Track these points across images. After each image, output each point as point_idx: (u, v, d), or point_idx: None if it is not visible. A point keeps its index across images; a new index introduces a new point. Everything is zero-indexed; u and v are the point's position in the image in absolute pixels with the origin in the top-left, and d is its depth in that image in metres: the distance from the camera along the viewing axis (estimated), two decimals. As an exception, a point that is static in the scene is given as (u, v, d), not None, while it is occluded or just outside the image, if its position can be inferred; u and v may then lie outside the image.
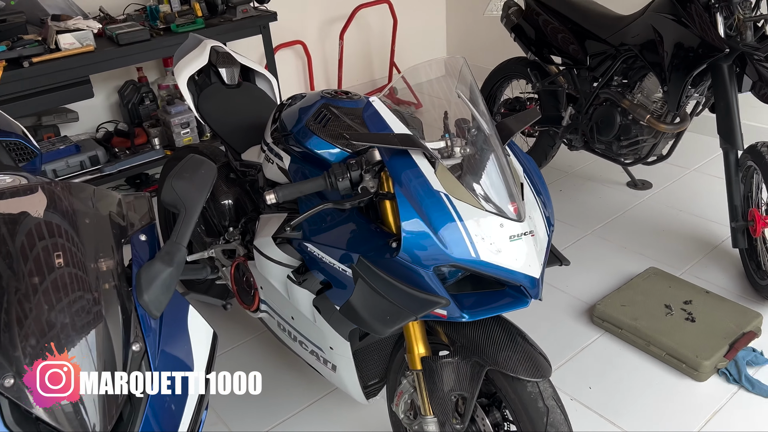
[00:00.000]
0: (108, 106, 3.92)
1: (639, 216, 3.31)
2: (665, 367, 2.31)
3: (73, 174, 3.37)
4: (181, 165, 1.26)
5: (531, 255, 1.42)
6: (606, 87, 3.02)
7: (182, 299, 1.20)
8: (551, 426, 1.45)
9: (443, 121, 1.60)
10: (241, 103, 2.37)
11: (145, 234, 1.23)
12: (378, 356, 1.94)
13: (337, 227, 1.60)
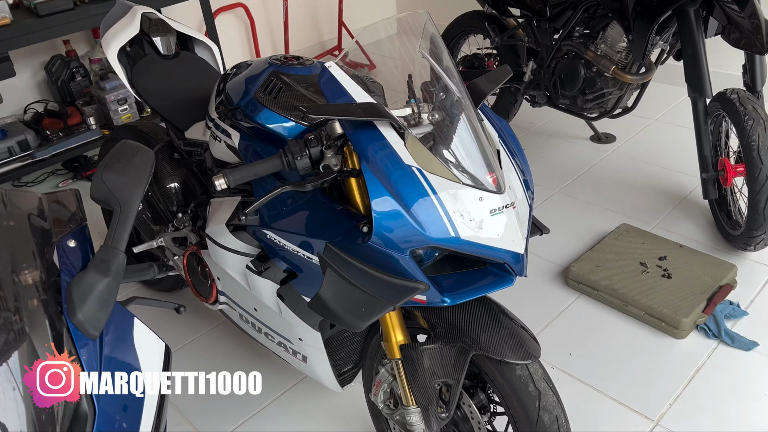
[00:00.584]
0: (35, 85, 3.59)
1: (605, 171, 3.24)
2: (644, 326, 2.26)
3: (1, 161, 3.08)
4: (111, 154, 1.07)
5: (513, 229, 1.30)
6: (568, 38, 2.89)
7: (125, 312, 1.03)
8: (544, 410, 1.36)
9: (407, 84, 1.44)
10: (181, 75, 2.15)
11: (74, 238, 1.05)
12: (351, 341, 1.82)
13: (299, 211, 1.44)
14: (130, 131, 2.38)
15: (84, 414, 0.90)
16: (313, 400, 2.08)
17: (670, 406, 1.96)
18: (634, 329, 2.26)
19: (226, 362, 2.26)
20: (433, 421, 1.47)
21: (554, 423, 1.36)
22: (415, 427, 1.50)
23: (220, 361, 2.26)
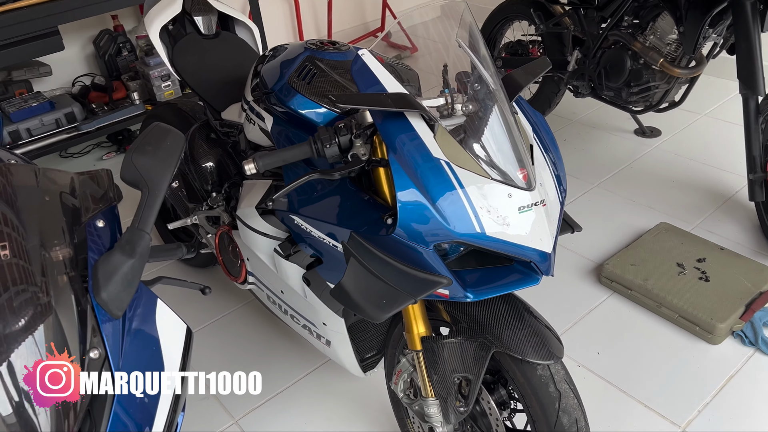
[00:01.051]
0: (83, 59, 3.68)
1: (648, 166, 3.15)
2: (677, 329, 2.20)
3: (48, 133, 3.18)
4: (142, 137, 1.09)
5: (542, 227, 1.27)
6: (615, 28, 2.80)
7: (149, 293, 1.05)
8: (564, 412, 1.34)
9: (442, 75, 1.42)
10: (220, 56, 2.17)
11: (103, 218, 1.07)
12: (375, 328, 1.82)
13: (327, 198, 1.44)
14: (170, 109, 2.42)
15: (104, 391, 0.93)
16: (336, 383, 2.10)
17: (698, 413, 1.92)
18: (666, 332, 2.21)
19: (254, 341, 2.29)
20: (451, 414, 1.47)
21: (573, 425, 1.34)
22: (432, 419, 1.50)
23: (247, 340, 2.30)
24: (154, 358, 1.01)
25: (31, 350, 0.89)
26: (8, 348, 0.87)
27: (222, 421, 2.00)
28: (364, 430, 1.94)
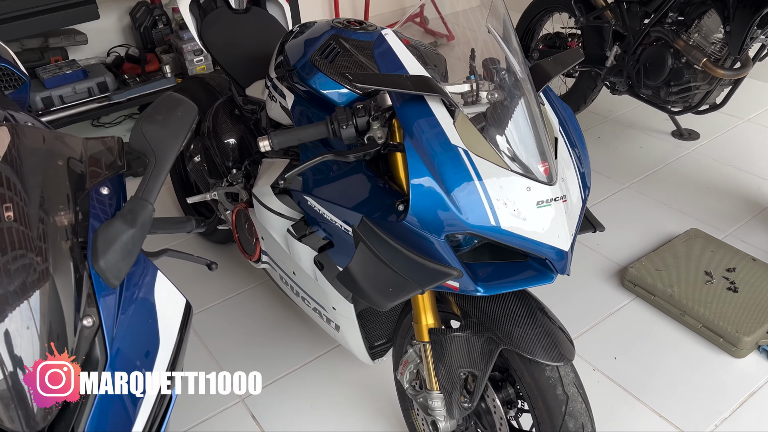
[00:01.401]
0: (119, 29, 3.70)
1: (683, 170, 3.04)
2: (700, 340, 2.12)
3: (80, 101, 3.21)
4: (154, 105, 1.07)
5: (560, 224, 1.22)
6: (659, 24, 2.70)
7: (149, 264, 1.04)
8: (570, 416, 1.29)
9: (469, 60, 1.37)
10: (248, 31, 2.15)
11: (109, 186, 1.05)
12: (386, 317, 1.79)
13: (341, 181, 1.41)
14: (198, 83, 2.41)
15: (95, 361, 0.92)
16: (344, 369, 2.08)
17: (715, 427, 1.85)
18: (688, 341, 2.13)
19: (266, 321, 2.29)
20: (455, 409, 1.44)
21: (580, 430, 1.30)
22: (436, 413, 1.47)
23: (260, 319, 2.30)
24: (150, 331, 0.99)
25: (26, 315, 0.88)
26: (2, 312, 0.86)
27: (228, 398, 2.00)
28: (368, 418, 1.92)
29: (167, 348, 1.00)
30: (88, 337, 0.91)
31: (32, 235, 0.92)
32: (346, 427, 1.90)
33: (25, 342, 0.87)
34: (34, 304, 0.89)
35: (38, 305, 0.89)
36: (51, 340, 0.89)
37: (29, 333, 0.88)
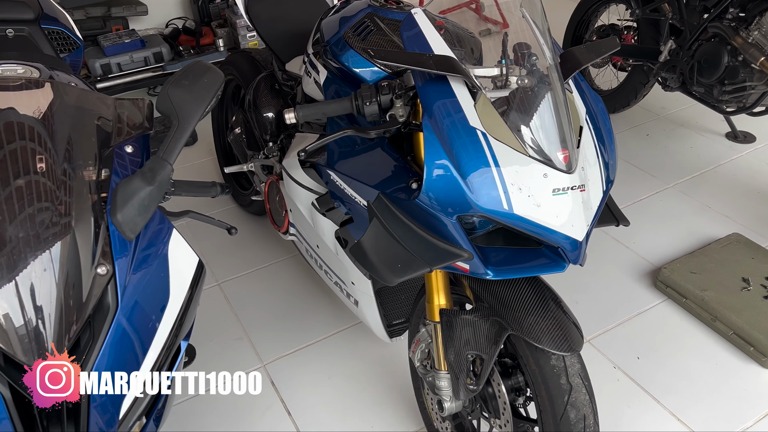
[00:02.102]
0: (179, 2, 3.81)
1: (733, 173, 2.93)
2: (729, 347, 2.06)
3: (136, 69, 3.33)
4: (182, 71, 1.12)
5: (576, 213, 1.21)
6: (717, 20, 2.59)
7: (165, 222, 1.09)
8: (572, 406, 1.29)
9: (502, 44, 1.36)
10: (293, 7, 2.18)
11: (132, 145, 1.11)
12: (405, 296, 1.82)
13: (362, 157, 1.44)
14: (244, 57, 2.47)
15: (107, 307, 0.97)
16: (363, 345, 2.12)
17: (735, 437, 1.80)
18: (716, 347, 2.07)
19: (293, 292, 2.34)
20: (461, 391, 1.45)
21: (581, 422, 1.29)
22: (443, 392, 1.48)
23: (287, 291, 2.35)
24: (161, 284, 1.04)
25: (46, 263, 0.94)
26: (25, 261, 0.92)
27: (250, 363, 2.07)
28: (382, 393, 1.95)
29: (176, 302, 1.06)
30: (101, 284, 0.97)
31: (58, 187, 0.99)
32: (360, 400, 1.94)
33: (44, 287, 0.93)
34: (54, 253, 0.95)
35: (58, 254, 0.95)
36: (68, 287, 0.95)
37: (48, 278, 0.94)
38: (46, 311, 0.93)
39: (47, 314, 0.93)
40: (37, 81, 1.27)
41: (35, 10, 1.95)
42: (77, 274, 0.96)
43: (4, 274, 0.91)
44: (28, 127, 1.02)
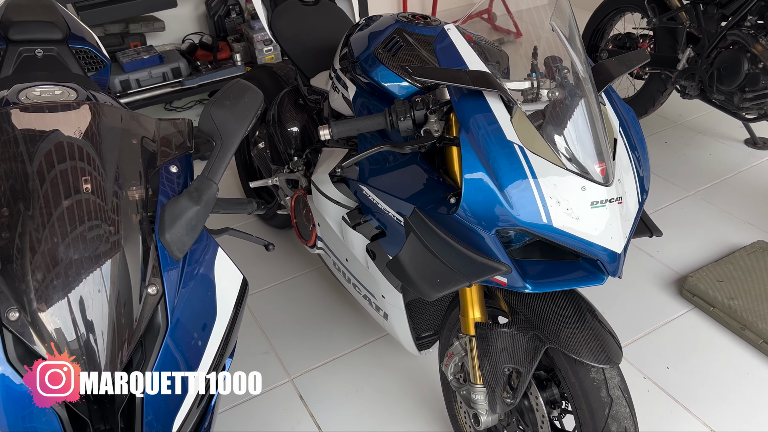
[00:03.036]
0: (195, 17, 3.85)
1: (754, 180, 2.92)
2: (760, 356, 2.05)
3: (154, 85, 3.36)
4: (223, 91, 1.13)
5: (614, 225, 1.21)
6: (736, 27, 2.60)
7: (211, 240, 1.10)
8: (613, 419, 1.28)
9: (531, 58, 1.37)
10: (317, 23, 2.20)
11: (177, 165, 1.12)
12: (434, 309, 1.82)
13: (396, 172, 1.44)
14: (266, 72, 2.49)
15: (157, 327, 0.98)
16: (391, 358, 2.12)
17: (769, 447, 1.79)
18: (746, 356, 2.06)
19: (319, 305, 2.35)
20: (498, 404, 1.44)
21: (622, 434, 1.29)
22: (478, 406, 1.48)
23: (313, 303, 2.36)
24: (208, 303, 1.05)
25: (98, 282, 0.96)
26: (77, 279, 0.94)
27: (278, 378, 2.07)
28: (412, 407, 1.95)
29: (223, 321, 1.06)
30: (152, 304, 0.98)
31: (107, 207, 1.00)
32: (390, 413, 1.93)
33: (96, 306, 0.94)
34: (105, 271, 0.96)
35: (109, 272, 0.96)
36: (119, 306, 0.96)
37: (100, 297, 0.95)
38: (98, 329, 0.93)
39: (99, 332, 0.94)
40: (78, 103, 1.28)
41: (63, 30, 1.97)
42: (128, 294, 0.97)
43: (57, 292, 0.92)
44: (78, 147, 1.03)
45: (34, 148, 1.02)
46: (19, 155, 1.02)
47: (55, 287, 0.92)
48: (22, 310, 0.90)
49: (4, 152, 1.03)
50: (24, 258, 0.92)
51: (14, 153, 1.02)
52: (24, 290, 0.90)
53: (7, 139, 1.04)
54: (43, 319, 0.90)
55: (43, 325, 0.90)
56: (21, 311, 0.90)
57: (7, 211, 0.97)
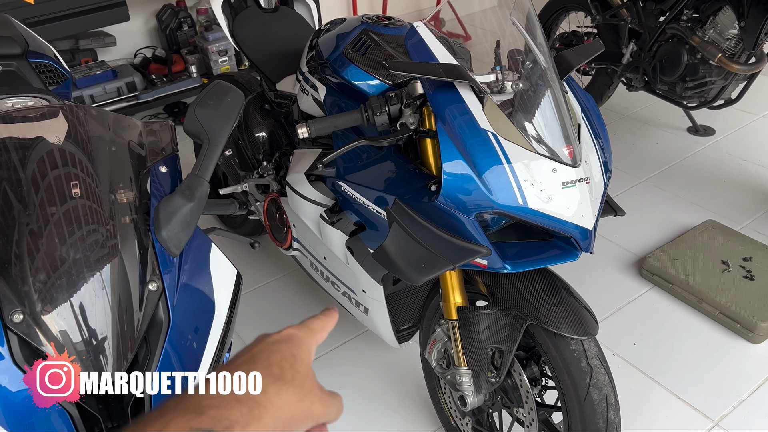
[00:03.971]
0: (146, 32, 3.81)
1: (699, 164, 3.09)
2: (717, 326, 2.18)
3: (110, 100, 3.32)
4: (205, 92, 1.15)
5: (584, 204, 1.29)
6: (674, 21, 2.76)
7: (204, 237, 1.12)
8: (594, 387, 1.36)
9: (494, 51, 1.44)
10: (278, 29, 2.24)
11: (166, 165, 1.14)
12: (412, 301, 1.86)
13: (373, 166, 1.49)
14: (227, 80, 2.50)
15: (160, 322, 1.00)
16: (371, 353, 2.15)
17: (733, 409, 1.90)
18: (705, 328, 2.18)
19: (294, 308, 2.37)
20: (483, 385, 1.51)
21: (603, 401, 1.36)
22: (464, 388, 1.53)
23: (288, 307, 2.38)
24: (207, 296, 1.07)
25: (98, 286, 0.96)
26: (79, 280, 0.94)
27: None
28: (396, 398, 1.99)
29: (221, 313, 1.08)
30: (153, 299, 0.99)
31: (102, 210, 1.01)
32: (374, 407, 1.97)
33: (98, 309, 0.95)
34: (105, 272, 0.97)
35: (109, 273, 0.97)
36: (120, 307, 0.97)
37: (101, 294, 0.96)
38: (103, 329, 0.94)
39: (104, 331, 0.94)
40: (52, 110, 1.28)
41: (21, 44, 1.94)
42: (127, 291, 0.98)
43: (60, 293, 0.92)
44: (69, 153, 1.04)
45: (22, 156, 1.02)
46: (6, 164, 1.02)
47: (57, 289, 0.92)
48: (26, 313, 0.90)
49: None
50: (23, 262, 0.93)
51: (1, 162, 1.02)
52: (27, 293, 0.91)
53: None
54: (48, 321, 0.91)
55: (47, 326, 0.91)
56: (25, 313, 0.90)
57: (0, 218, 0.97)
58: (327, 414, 0.52)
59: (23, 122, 1.14)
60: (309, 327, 0.59)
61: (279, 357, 0.52)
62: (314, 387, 0.52)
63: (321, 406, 0.52)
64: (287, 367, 0.52)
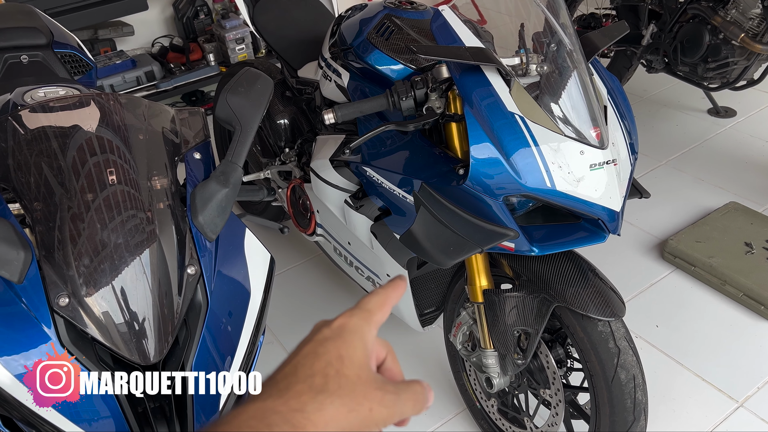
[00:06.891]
0: (163, 20, 3.83)
1: (720, 146, 3.07)
2: (741, 308, 2.17)
3: (129, 89, 3.34)
4: (235, 79, 1.17)
5: (612, 185, 1.30)
6: (695, 2, 2.72)
7: (239, 222, 1.14)
8: (622, 368, 1.37)
9: (519, 34, 1.44)
10: (298, 16, 2.24)
11: (199, 152, 1.16)
12: (436, 285, 1.88)
13: (399, 151, 1.49)
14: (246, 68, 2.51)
15: (198, 305, 1.02)
16: (394, 337, 2.17)
17: (758, 390, 1.90)
18: (729, 309, 2.18)
19: (317, 293, 2.39)
20: (509, 366, 1.52)
21: (631, 381, 1.37)
22: (490, 369, 1.55)
23: (311, 292, 2.40)
24: (242, 280, 1.09)
25: (139, 270, 0.99)
26: (120, 266, 0.97)
27: (285, 365, 2.11)
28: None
29: (256, 298, 1.11)
30: (192, 284, 1.01)
31: (140, 196, 1.03)
32: (398, 390, 1.99)
33: (139, 293, 0.97)
34: (144, 260, 0.99)
35: (148, 261, 0.99)
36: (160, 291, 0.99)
37: (142, 278, 0.98)
38: (143, 312, 0.97)
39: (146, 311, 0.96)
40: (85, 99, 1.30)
41: (47, 35, 1.97)
42: (166, 275, 1.00)
43: (103, 277, 0.95)
44: (107, 140, 1.06)
45: (62, 144, 1.05)
46: (47, 151, 1.04)
47: (100, 273, 0.95)
48: (72, 296, 0.93)
49: (29, 149, 1.05)
50: (66, 248, 0.95)
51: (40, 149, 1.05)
52: (71, 276, 0.93)
53: (29, 138, 1.07)
54: (91, 303, 0.93)
55: (90, 309, 0.93)
56: (71, 296, 0.93)
57: (41, 205, 1.00)
58: (394, 414, 0.46)
59: (61, 111, 1.16)
60: (365, 309, 0.51)
61: (323, 363, 0.45)
62: (370, 390, 0.45)
63: (384, 409, 0.45)
64: (332, 374, 0.45)
